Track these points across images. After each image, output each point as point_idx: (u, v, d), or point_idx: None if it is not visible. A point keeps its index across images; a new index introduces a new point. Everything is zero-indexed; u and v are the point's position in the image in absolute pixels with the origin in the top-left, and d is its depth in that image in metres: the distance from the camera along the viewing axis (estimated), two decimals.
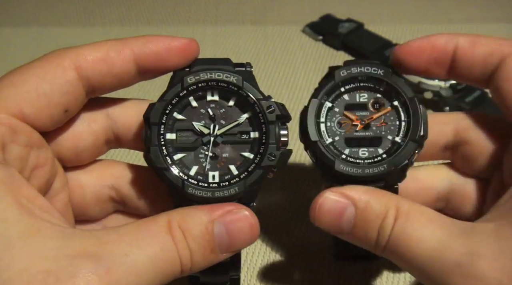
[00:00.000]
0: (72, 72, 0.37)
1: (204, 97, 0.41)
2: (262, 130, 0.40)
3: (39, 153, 0.37)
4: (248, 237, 0.38)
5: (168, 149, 0.40)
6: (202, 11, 0.94)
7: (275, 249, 0.55)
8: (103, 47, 0.38)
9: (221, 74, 0.40)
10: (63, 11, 0.95)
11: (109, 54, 0.38)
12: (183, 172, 0.40)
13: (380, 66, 0.43)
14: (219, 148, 0.41)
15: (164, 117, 0.40)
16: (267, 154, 0.39)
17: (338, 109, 0.43)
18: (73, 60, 0.37)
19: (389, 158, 0.41)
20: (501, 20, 0.89)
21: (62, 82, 0.37)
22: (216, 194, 0.38)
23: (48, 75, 0.36)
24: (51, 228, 0.32)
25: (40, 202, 0.33)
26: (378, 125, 0.43)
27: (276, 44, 0.85)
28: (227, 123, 0.41)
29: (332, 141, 0.43)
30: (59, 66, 0.37)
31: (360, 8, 0.92)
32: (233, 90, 0.40)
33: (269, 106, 0.40)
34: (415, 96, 0.42)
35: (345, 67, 0.43)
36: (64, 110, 0.37)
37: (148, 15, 0.94)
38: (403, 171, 0.42)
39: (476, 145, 0.43)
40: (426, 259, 0.35)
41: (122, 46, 0.38)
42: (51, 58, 0.37)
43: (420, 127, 0.41)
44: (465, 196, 0.45)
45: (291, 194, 0.61)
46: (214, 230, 0.36)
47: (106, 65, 0.38)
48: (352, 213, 0.38)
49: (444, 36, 0.42)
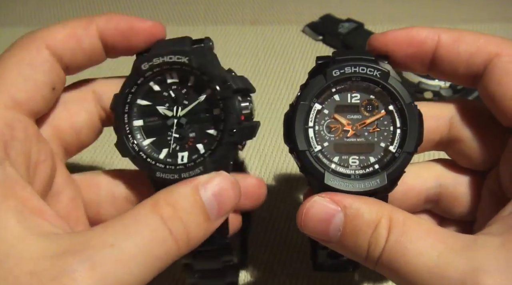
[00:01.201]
0: (46, 51, 0.38)
1: (164, 80, 0.41)
2: (220, 106, 0.39)
3: (39, 147, 0.37)
4: (233, 195, 0.38)
5: (136, 135, 0.40)
6: (202, 11, 0.94)
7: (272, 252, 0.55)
8: (70, 24, 0.39)
9: (172, 56, 0.39)
10: (63, 11, 0.95)
11: (76, 30, 0.39)
12: (151, 157, 0.40)
13: (377, 65, 0.39)
14: (186, 129, 0.41)
15: (126, 106, 0.40)
16: (228, 130, 0.39)
17: (328, 111, 0.40)
18: (44, 40, 0.38)
19: (382, 172, 0.38)
20: (501, 20, 0.89)
21: (40, 61, 0.38)
22: (183, 175, 0.38)
23: (25, 58, 0.37)
24: (38, 232, 0.31)
25: (33, 205, 0.33)
26: (370, 131, 0.40)
27: (276, 44, 0.85)
28: (189, 104, 0.40)
29: (321, 148, 0.40)
30: (32, 48, 0.38)
31: (360, 8, 0.92)
32: (188, 70, 0.40)
33: (224, 81, 0.39)
34: (413, 101, 0.39)
35: (338, 65, 0.39)
36: (51, 88, 0.38)
37: (148, 15, 0.94)
38: (395, 182, 0.39)
39: (471, 143, 0.41)
40: (426, 275, 0.32)
41: (88, 22, 0.39)
42: (22, 42, 0.38)
43: (417, 138, 0.39)
44: (457, 197, 0.43)
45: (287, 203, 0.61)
46: (202, 197, 0.36)
47: (75, 41, 0.39)
48: (341, 220, 0.36)
49: (425, 30, 0.39)
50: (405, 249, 0.33)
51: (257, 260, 0.55)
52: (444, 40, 0.39)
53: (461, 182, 0.43)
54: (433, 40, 0.39)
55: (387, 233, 0.34)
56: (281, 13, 0.93)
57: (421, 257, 0.33)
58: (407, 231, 0.34)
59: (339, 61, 0.39)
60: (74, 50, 0.39)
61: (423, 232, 0.34)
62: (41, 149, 0.37)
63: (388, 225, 0.34)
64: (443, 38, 0.39)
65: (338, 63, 0.39)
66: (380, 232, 0.34)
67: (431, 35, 0.39)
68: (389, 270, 0.34)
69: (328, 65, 0.39)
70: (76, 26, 0.39)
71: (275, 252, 0.55)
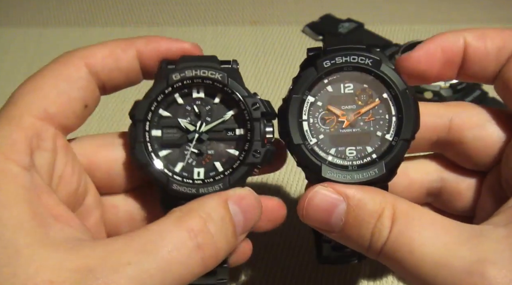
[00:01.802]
0: (83, 69, 0.39)
1: (190, 94, 0.41)
2: (247, 127, 0.40)
3: (66, 160, 0.38)
4: (257, 211, 0.38)
5: (154, 145, 0.40)
6: (202, 12, 0.94)
7: None
8: (110, 45, 0.40)
9: (206, 71, 0.39)
10: (63, 12, 0.95)
11: (115, 51, 0.40)
12: (168, 169, 0.40)
13: (368, 54, 0.38)
14: (205, 145, 0.41)
15: (149, 114, 0.40)
16: (252, 151, 0.39)
17: (321, 103, 0.39)
18: (83, 58, 0.39)
19: (380, 161, 0.38)
20: (501, 21, 0.89)
21: (76, 78, 0.38)
22: (201, 191, 0.38)
23: (63, 74, 0.38)
24: (60, 239, 0.32)
25: (59, 212, 0.34)
26: (366, 120, 0.39)
27: (276, 44, 0.85)
28: (213, 120, 0.41)
29: (316, 141, 0.39)
30: (71, 65, 0.39)
31: (360, 8, 0.92)
32: (218, 87, 0.40)
33: (254, 103, 0.39)
34: (407, 88, 0.38)
35: (328, 56, 0.38)
36: (84, 105, 0.39)
37: (149, 16, 0.94)
38: (393, 171, 0.39)
39: (473, 145, 0.41)
40: (431, 266, 0.32)
41: (127, 44, 0.41)
42: (62, 58, 0.39)
43: (413, 125, 0.38)
44: (458, 191, 0.43)
45: None
46: (231, 210, 0.36)
47: (113, 61, 0.40)
48: (343, 210, 0.36)
49: (450, 35, 0.39)
50: (410, 239, 0.33)
51: (259, 257, 0.55)
52: (469, 40, 0.38)
53: (464, 177, 0.43)
54: (459, 43, 0.38)
55: (391, 222, 0.34)
56: (281, 13, 0.93)
57: (427, 247, 0.33)
58: (412, 221, 0.34)
59: (330, 52, 0.39)
60: (112, 69, 0.40)
61: (427, 222, 0.34)
62: (68, 163, 0.38)
63: (391, 215, 0.34)
64: (469, 38, 0.38)
65: (328, 53, 0.39)
66: (383, 222, 0.34)
67: (456, 38, 0.39)
68: (393, 260, 0.34)
69: (319, 57, 0.39)
70: (116, 46, 0.40)
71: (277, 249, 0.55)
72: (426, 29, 0.87)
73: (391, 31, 0.87)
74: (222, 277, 0.41)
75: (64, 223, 0.33)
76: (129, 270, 0.31)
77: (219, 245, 0.35)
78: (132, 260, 0.31)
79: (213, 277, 0.41)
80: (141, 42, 0.41)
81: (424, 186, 0.44)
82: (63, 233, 0.32)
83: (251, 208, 0.37)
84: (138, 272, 0.31)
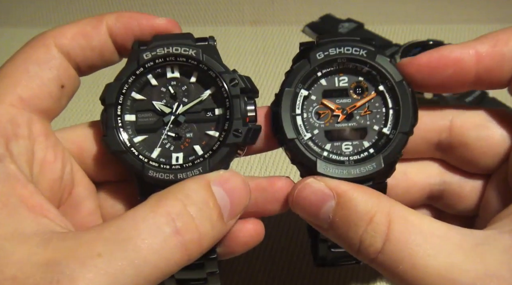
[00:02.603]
0: (54, 49, 0.37)
1: (164, 75, 0.38)
2: (226, 105, 0.37)
3: (47, 146, 0.36)
4: (245, 194, 0.35)
5: (127, 131, 0.38)
6: (202, 11, 0.94)
7: None
8: (81, 23, 0.39)
9: (179, 48, 0.37)
10: (63, 12, 0.95)
11: (86, 29, 0.39)
12: (143, 155, 0.37)
13: (362, 44, 0.37)
14: (183, 128, 0.38)
15: (121, 97, 0.37)
16: (232, 131, 0.36)
17: (315, 97, 0.38)
18: (53, 38, 0.38)
19: (378, 155, 0.36)
20: (501, 21, 0.89)
21: (47, 59, 0.37)
22: (179, 176, 0.36)
23: (32, 57, 0.37)
24: (31, 231, 0.30)
25: (34, 202, 0.32)
26: (362, 114, 0.38)
27: (276, 44, 0.85)
28: (190, 101, 0.38)
29: (311, 136, 0.38)
30: (41, 46, 0.37)
31: (360, 8, 0.92)
32: (194, 65, 0.37)
33: (233, 79, 0.37)
34: (403, 79, 0.37)
35: (321, 47, 0.37)
36: (59, 86, 0.38)
37: None
38: (392, 166, 0.37)
39: (476, 147, 0.39)
40: (436, 279, 0.30)
41: (97, 20, 0.39)
42: (32, 41, 0.38)
43: (411, 117, 0.36)
44: (461, 193, 0.42)
45: None
46: (214, 193, 0.33)
47: (84, 39, 0.38)
48: (331, 207, 0.34)
49: (458, 47, 0.37)
50: (410, 251, 0.31)
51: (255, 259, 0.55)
52: (483, 50, 0.37)
53: (467, 179, 0.42)
54: (470, 55, 0.37)
55: (387, 230, 0.32)
56: (281, 13, 0.93)
57: (429, 260, 0.31)
58: (410, 230, 0.32)
59: (323, 44, 0.37)
60: (84, 48, 0.38)
61: (427, 231, 0.32)
62: (49, 149, 0.37)
63: (387, 221, 0.33)
64: (481, 49, 0.37)
65: (321, 45, 0.37)
66: (376, 228, 0.33)
67: (465, 50, 0.37)
68: (390, 270, 0.32)
69: (312, 49, 0.38)
70: (86, 24, 0.39)
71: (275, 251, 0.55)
72: (426, 29, 0.87)
73: (391, 31, 0.87)
74: (212, 270, 0.38)
75: (39, 214, 0.31)
76: (99, 263, 0.28)
77: (202, 229, 0.32)
78: (102, 251, 0.29)
79: (201, 271, 0.38)
80: (111, 18, 0.39)
81: (425, 189, 0.42)
82: (36, 225, 0.31)
83: (238, 191, 0.35)
84: (109, 264, 0.28)
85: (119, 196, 0.41)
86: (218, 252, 0.37)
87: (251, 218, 0.38)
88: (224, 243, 0.37)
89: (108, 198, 0.41)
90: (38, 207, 0.32)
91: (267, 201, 0.38)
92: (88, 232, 0.30)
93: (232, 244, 0.37)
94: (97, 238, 0.29)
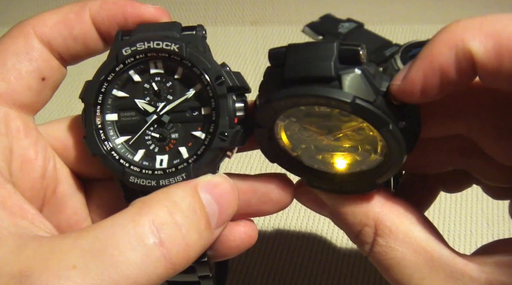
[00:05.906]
0: (34, 39, 0.35)
1: (147, 70, 0.35)
2: (212, 105, 0.34)
3: (27, 142, 0.34)
4: (233, 200, 0.33)
5: (108, 132, 0.35)
6: (202, 12, 0.94)
7: None
8: (63, 10, 0.36)
9: (160, 43, 0.33)
10: None
11: (68, 16, 0.36)
12: (125, 158, 0.35)
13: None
14: (167, 128, 0.35)
15: (100, 96, 0.35)
16: (218, 134, 0.33)
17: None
18: (32, 27, 0.35)
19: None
20: None
21: (26, 50, 0.35)
22: (161, 183, 0.33)
23: (11, 47, 0.34)
24: (6, 236, 0.28)
25: (12, 203, 0.30)
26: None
27: (276, 44, 0.85)
28: (175, 99, 0.35)
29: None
30: (20, 36, 0.35)
31: (360, 8, 0.92)
32: (177, 60, 0.34)
33: (218, 76, 0.33)
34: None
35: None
36: (40, 78, 0.35)
37: None
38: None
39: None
40: None
41: (80, 7, 0.36)
42: (11, 31, 0.36)
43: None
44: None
45: None
46: (202, 199, 0.31)
47: (66, 28, 0.36)
48: (329, 213, 0.36)
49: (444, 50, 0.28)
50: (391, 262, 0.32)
51: None
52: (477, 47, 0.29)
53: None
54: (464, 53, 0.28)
55: (374, 235, 0.33)
56: (281, 13, 0.93)
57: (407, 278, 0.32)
58: (392, 244, 0.32)
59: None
60: (65, 36, 0.36)
61: (410, 245, 0.32)
62: (30, 146, 0.34)
63: (374, 229, 0.33)
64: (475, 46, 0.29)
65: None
66: (366, 232, 0.33)
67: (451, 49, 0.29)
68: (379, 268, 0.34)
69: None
70: (68, 11, 0.36)
71: None
72: (426, 29, 0.87)
73: (391, 31, 0.87)
74: (204, 274, 0.36)
75: (18, 216, 0.29)
76: (74, 275, 0.26)
77: (189, 239, 0.29)
78: (77, 263, 0.26)
79: (193, 274, 0.36)
80: (95, 5, 0.36)
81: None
82: (14, 228, 0.28)
83: (226, 197, 0.33)
84: (84, 278, 0.26)
85: (108, 194, 0.39)
86: (209, 255, 0.36)
87: (243, 220, 0.37)
88: (214, 248, 0.36)
89: (96, 196, 0.39)
90: (17, 209, 0.29)
91: (261, 202, 0.36)
92: (65, 238, 0.28)
93: (222, 249, 0.36)
94: (73, 246, 0.27)
